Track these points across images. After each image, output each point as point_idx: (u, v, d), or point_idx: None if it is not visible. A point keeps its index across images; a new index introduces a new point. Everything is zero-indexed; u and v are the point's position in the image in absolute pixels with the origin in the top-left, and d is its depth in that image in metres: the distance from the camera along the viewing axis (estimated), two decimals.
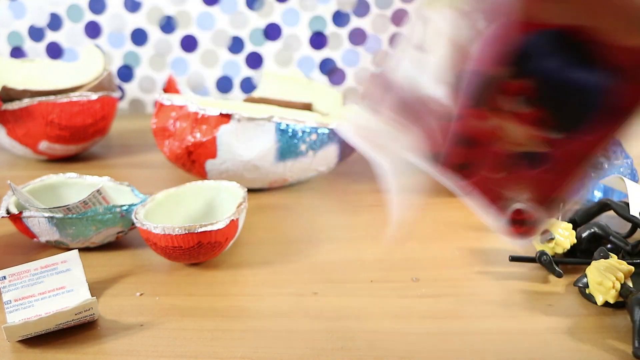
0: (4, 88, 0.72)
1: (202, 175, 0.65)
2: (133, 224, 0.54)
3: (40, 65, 0.86)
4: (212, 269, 0.51)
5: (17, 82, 0.78)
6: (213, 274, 0.51)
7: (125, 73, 1.01)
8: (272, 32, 0.98)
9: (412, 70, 0.32)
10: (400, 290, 0.48)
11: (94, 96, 0.75)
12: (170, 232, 0.48)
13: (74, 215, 0.52)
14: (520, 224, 0.33)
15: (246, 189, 0.56)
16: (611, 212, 0.55)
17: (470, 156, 0.31)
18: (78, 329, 0.43)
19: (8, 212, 0.53)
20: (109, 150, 0.84)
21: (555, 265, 0.49)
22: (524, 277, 0.49)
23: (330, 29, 0.97)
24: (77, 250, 0.47)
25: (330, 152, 0.66)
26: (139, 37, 0.99)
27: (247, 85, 1.01)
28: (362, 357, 0.40)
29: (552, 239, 0.49)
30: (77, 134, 0.76)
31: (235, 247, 0.55)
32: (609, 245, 0.51)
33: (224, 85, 1.01)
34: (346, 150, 0.67)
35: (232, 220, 0.50)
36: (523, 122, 0.30)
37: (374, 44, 0.98)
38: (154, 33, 0.99)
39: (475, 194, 0.32)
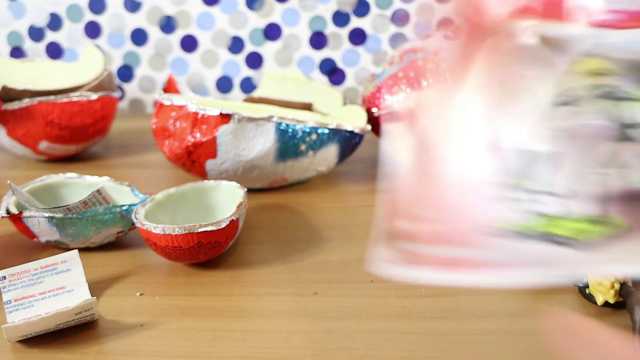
0: (4, 88, 0.72)
1: (202, 175, 0.65)
2: (133, 224, 0.54)
3: (40, 65, 0.86)
4: (212, 269, 0.51)
5: (17, 82, 0.78)
6: (213, 274, 0.51)
7: (125, 73, 1.01)
8: (272, 32, 0.98)
9: None
10: (400, 290, 0.48)
11: (94, 96, 0.75)
12: (170, 232, 0.48)
13: (74, 215, 0.52)
14: None
15: (246, 189, 0.56)
16: None
17: None
18: (78, 329, 0.43)
19: (8, 212, 0.53)
20: (109, 150, 0.84)
21: None
22: None
23: (330, 29, 0.97)
24: (77, 250, 0.47)
25: (330, 152, 0.66)
26: (139, 37, 0.99)
27: (247, 85, 1.01)
28: (362, 357, 0.40)
29: None
30: (77, 134, 0.76)
31: (235, 247, 0.55)
32: None
33: (224, 85, 1.01)
34: (346, 150, 0.67)
35: (232, 220, 0.50)
36: None
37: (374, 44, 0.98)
38: (154, 33, 0.99)
39: None
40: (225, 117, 0.61)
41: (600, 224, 0.30)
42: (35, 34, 0.99)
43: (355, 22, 0.97)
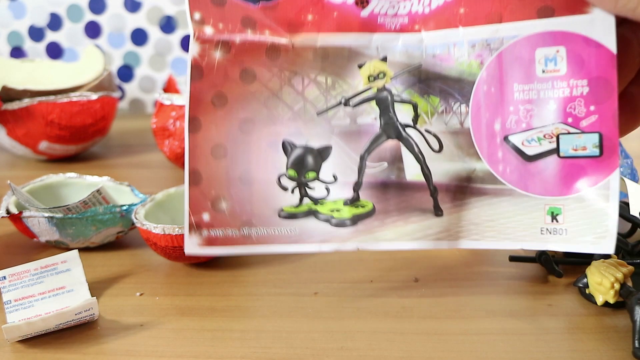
0: (4, 88, 0.72)
1: None
2: (133, 224, 0.54)
3: (40, 65, 0.86)
4: (212, 269, 0.51)
5: (17, 82, 0.78)
6: (213, 274, 0.51)
7: (125, 73, 1.01)
8: None
9: None
10: (400, 290, 0.48)
11: (94, 96, 0.75)
12: (170, 232, 0.48)
13: (74, 215, 0.52)
14: None
15: None
16: None
17: None
18: (78, 329, 0.43)
19: (8, 212, 0.53)
20: (109, 150, 0.84)
21: (555, 265, 0.49)
22: (524, 277, 0.49)
23: None
24: (77, 250, 0.47)
25: None
26: (139, 37, 0.99)
27: None
28: (362, 357, 0.40)
29: None
30: (77, 134, 0.76)
31: None
32: None
33: None
34: None
35: None
36: None
37: None
38: (154, 33, 0.99)
39: None
40: None
41: (352, 206, 0.39)
42: (35, 34, 0.99)
43: None
